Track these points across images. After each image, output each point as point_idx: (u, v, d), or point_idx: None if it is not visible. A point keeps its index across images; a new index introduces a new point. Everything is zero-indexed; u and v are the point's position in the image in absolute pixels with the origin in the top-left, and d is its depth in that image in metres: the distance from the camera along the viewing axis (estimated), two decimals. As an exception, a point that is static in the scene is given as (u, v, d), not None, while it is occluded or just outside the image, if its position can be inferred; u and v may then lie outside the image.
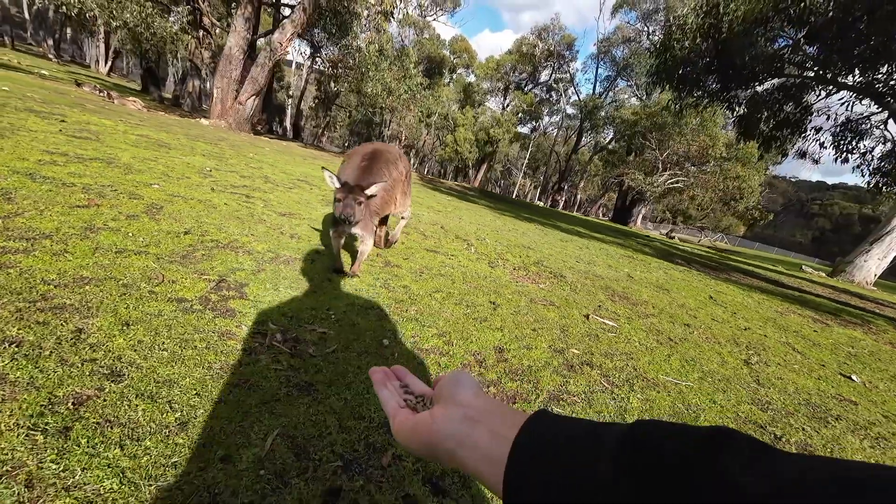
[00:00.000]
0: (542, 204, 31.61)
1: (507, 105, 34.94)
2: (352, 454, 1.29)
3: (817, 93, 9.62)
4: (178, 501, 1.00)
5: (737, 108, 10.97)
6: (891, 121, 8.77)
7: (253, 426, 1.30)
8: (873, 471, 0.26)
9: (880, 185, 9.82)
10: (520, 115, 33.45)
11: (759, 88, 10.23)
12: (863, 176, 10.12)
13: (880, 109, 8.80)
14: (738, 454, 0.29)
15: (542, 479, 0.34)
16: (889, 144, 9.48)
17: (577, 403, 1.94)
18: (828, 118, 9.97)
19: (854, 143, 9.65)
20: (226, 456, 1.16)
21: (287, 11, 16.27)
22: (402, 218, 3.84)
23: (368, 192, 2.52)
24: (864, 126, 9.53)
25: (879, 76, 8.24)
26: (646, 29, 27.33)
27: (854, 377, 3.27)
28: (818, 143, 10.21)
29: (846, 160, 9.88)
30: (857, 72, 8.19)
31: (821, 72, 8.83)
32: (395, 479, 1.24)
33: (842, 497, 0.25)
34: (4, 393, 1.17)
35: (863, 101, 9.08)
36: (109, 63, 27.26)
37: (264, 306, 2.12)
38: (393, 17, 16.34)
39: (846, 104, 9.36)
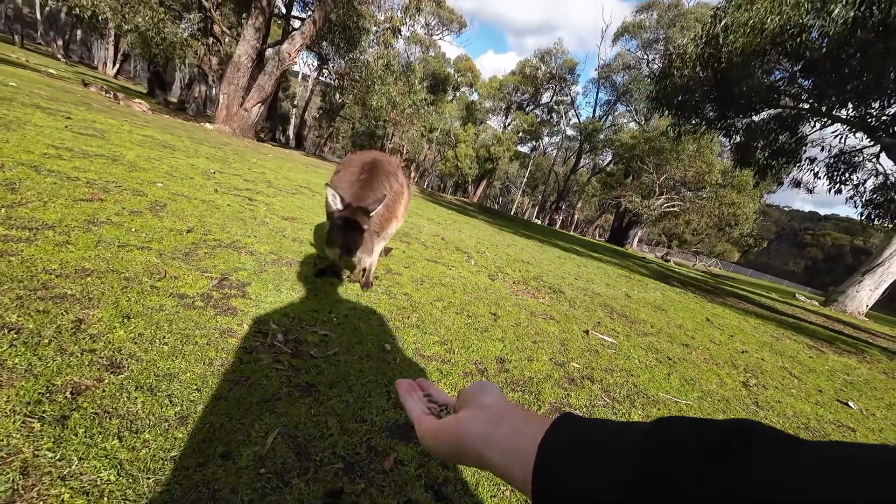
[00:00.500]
0: (539, 222, 31.84)
1: (509, 124, 35.51)
2: (353, 457, 1.27)
3: (812, 124, 9.88)
4: (177, 496, 0.97)
5: (734, 136, 11.22)
6: (883, 154, 9.00)
7: (253, 424, 1.27)
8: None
9: (872, 216, 10.00)
10: (520, 134, 33.98)
11: (755, 118, 10.49)
12: (855, 207, 10.31)
13: (872, 143, 9.03)
14: (760, 447, 0.29)
15: (570, 480, 0.34)
16: (881, 177, 9.70)
17: (579, 417, 1.91)
18: (822, 149, 10.22)
19: (847, 174, 9.87)
20: (226, 452, 1.13)
21: (297, 23, 16.60)
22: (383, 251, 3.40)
23: (373, 213, 2.22)
24: (857, 158, 9.76)
25: (872, 111, 8.49)
26: (646, 57, 28.09)
27: (851, 404, 3.26)
28: (812, 173, 10.43)
29: (839, 191, 10.08)
30: (850, 106, 8.44)
31: (815, 104, 9.09)
32: (398, 483, 1.21)
33: (865, 484, 0.24)
34: (2, 379, 1.14)
35: (856, 135, 9.32)
36: (117, 66, 27.54)
37: (266, 306, 2.10)
38: (400, 35, 16.71)
39: (840, 136, 9.61)
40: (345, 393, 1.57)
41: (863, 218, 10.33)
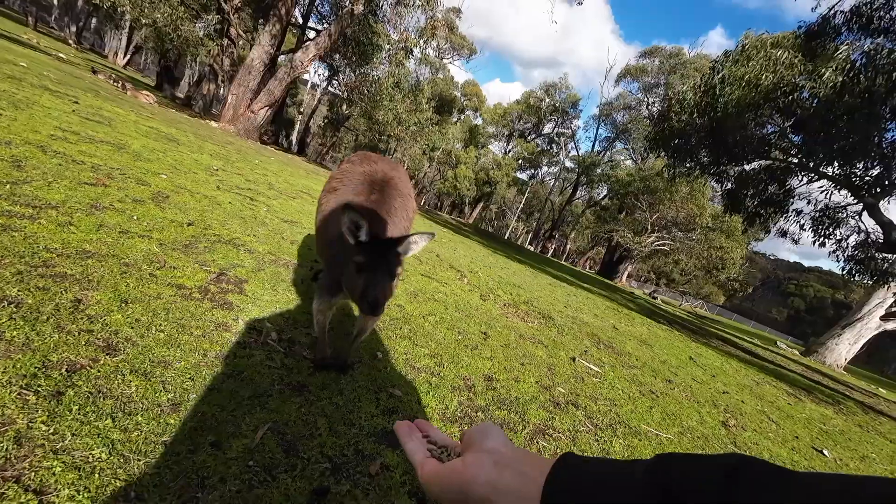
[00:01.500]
0: (532, 248, 32.12)
1: (509, 150, 36.27)
2: (341, 458, 1.27)
3: (800, 178, 10.27)
4: (167, 480, 0.97)
5: (725, 183, 11.60)
6: (865, 213, 9.36)
7: (244, 417, 1.28)
8: (886, 487, 0.27)
9: (853, 272, 10.30)
10: (520, 161, 34.69)
11: (747, 167, 10.89)
12: (838, 261, 10.61)
13: (856, 201, 9.41)
14: (753, 481, 0.31)
15: None
16: (863, 235, 10.05)
17: (562, 440, 1.93)
18: (808, 202, 10.60)
19: (831, 229, 10.20)
20: (216, 442, 1.14)
21: (312, 34, 17.01)
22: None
23: (406, 255, 1.44)
24: (841, 215, 10.12)
25: (856, 170, 8.89)
26: (646, 99, 29.14)
27: (826, 452, 3.31)
28: (798, 224, 10.76)
29: (823, 244, 10.39)
30: (836, 164, 8.83)
31: (804, 159, 9.48)
32: (382, 488, 1.22)
33: None
34: None
35: (841, 192, 9.71)
36: (128, 56, 27.74)
37: (262, 304, 2.11)
38: (412, 55, 17.19)
39: (826, 192, 9.99)
40: (335, 396, 1.58)
41: (844, 272, 10.63)
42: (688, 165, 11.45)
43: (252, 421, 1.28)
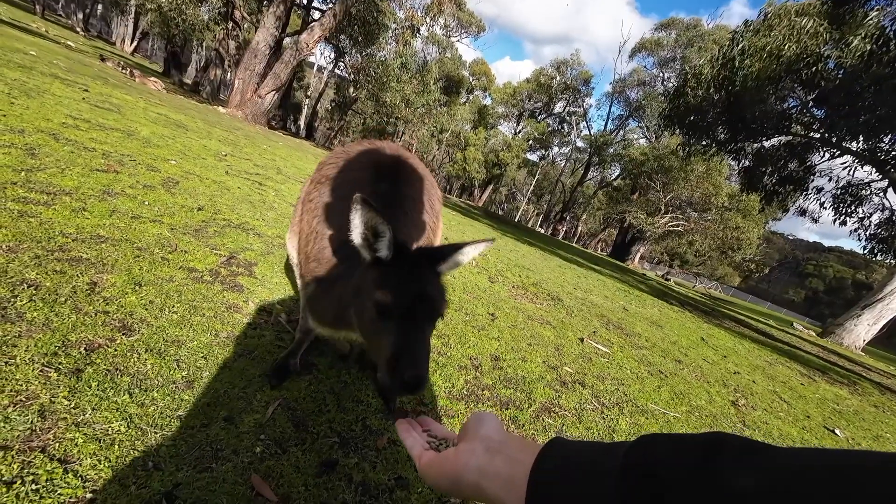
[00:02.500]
0: (543, 231, 31.89)
1: (519, 131, 35.61)
2: (348, 433, 1.31)
3: (821, 154, 9.92)
4: (183, 451, 1.02)
5: (742, 160, 11.27)
6: (890, 189, 9.03)
7: (255, 394, 1.32)
8: (860, 458, 0.28)
9: (875, 251, 10.02)
10: (530, 142, 34.06)
11: (765, 143, 10.55)
12: (859, 240, 10.33)
13: (881, 177, 9.07)
14: (731, 457, 0.32)
15: (558, 502, 0.37)
16: (887, 212, 9.72)
17: (568, 418, 1.96)
18: (830, 180, 10.27)
19: (853, 207, 9.90)
20: (229, 417, 1.18)
21: (317, 14, 16.72)
22: None
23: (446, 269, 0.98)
24: (864, 192, 9.79)
25: (882, 145, 8.54)
26: (661, 75, 28.19)
27: (838, 432, 3.29)
28: (819, 202, 10.46)
29: (844, 223, 10.10)
30: (861, 138, 8.48)
31: (826, 134, 9.13)
32: (390, 461, 1.26)
33: (827, 485, 0.27)
34: (21, 329, 1.19)
35: (864, 168, 9.36)
36: (135, 43, 27.70)
37: (271, 287, 2.15)
38: (419, 33, 16.82)
39: (848, 168, 9.64)
40: (343, 374, 1.62)
41: (866, 252, 10.35)
42: (704, 143, 11.13)
43: (263, 398, 1.32)
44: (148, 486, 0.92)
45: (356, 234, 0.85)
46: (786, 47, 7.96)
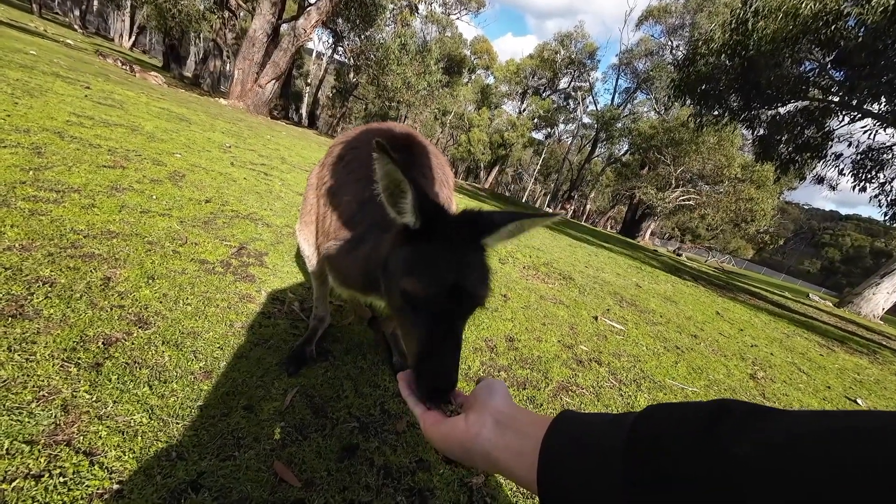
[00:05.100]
0: (551, 211, 31.48)
1: (524, 109, 34.87)
2: (367, 417, 1.32)
3: (840, 118, 9.53)
4: (205, 441, 1.03)
5: (757, 128, 10.89)
6: (913, 152, 8.69)
7: (273, 382, 1.32)
8: (861, 420, 0.28)
9: (897, 216, 9.72)
10: (535, 120, 33.38)
11: (781, 110, 10.16)
12: (879, 207, 10.01)
13: (903, 140, 8.71)
14: (733, 422, 0.32)
15: (570, 479, 0.38)
16: (909, 176, 9.38)
17: (586, 395, 1.95)
18: (849, 145, 9.88)
19: (874, 172, 9.55)
20: (248, 405, 1.19)
21: (313, -1, 16.35)
22: None
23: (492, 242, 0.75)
24: (885, 156, 9.42)
25: (905, 106, 8.16)
26: (670, 43, 27.18)
27: (859, 401, 3.25)
28: (837, 169, 10.11)
29: (864, 189, 9.78)
30: (883, 100, 8.11)
31: (846, 97, 8.75)
32: (409, 444, 1.26)
33: (821, 449, 0.27)
34: (39, 326, 1.20)
35: (886, 130, 8.98)
36: (133, 38, 27.52)
37: (283, 276, 2.15)
38: (418, 12, 16.38)
39: (869, 132, 9.26)
40: (359, 360, 1.62)
41: (886, 218, 10.05)
42: (716, 112, 10.76)
43: (281, 385, 1.32)
44: (173, 476, 0.93)
45: (381, 182, 0.69)
46: (803, 5, 7.55)
